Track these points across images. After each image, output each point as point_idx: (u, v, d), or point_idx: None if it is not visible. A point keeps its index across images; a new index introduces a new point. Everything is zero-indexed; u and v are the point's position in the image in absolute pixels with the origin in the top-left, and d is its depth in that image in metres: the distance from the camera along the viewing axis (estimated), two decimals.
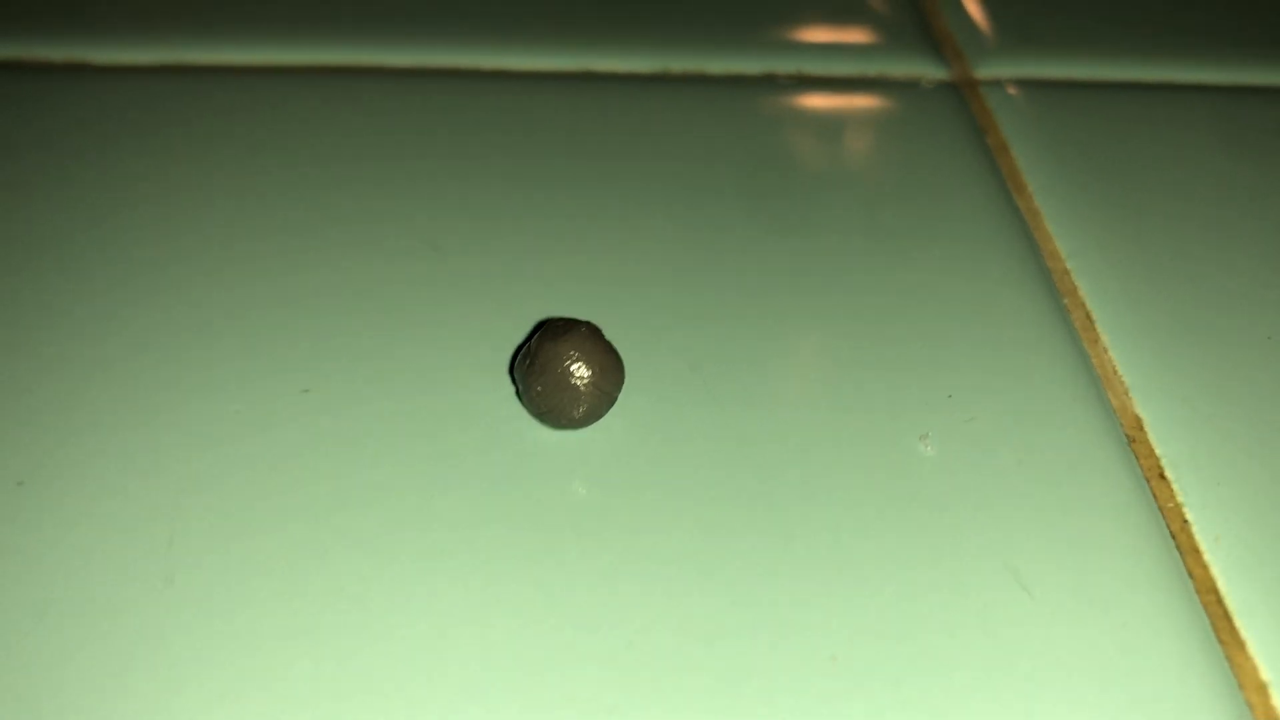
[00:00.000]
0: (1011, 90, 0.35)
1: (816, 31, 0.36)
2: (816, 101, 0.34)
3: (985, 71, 0.35)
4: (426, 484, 0.23)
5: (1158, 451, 0.25)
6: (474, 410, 0.24)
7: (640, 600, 0.22)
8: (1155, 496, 0.24)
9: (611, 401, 0.24)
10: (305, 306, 0.26)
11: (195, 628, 0.21)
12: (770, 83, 0.34)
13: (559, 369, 0.23)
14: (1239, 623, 0.22)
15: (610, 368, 0.23)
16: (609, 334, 0.25)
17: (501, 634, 0.21)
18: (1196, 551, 0.23)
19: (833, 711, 0.20)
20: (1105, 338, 0.27)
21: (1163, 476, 0.24)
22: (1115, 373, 0.26)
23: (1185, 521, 0.24)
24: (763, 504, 0.23)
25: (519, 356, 0.24)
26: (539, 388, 0.23)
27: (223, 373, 0.25)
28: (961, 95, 0.34)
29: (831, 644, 0.21)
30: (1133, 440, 0.25)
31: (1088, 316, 0.28)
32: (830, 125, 0.34)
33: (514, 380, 0.24)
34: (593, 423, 0.24)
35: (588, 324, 0.24)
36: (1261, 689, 0.21)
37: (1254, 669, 0.21)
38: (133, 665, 0.20)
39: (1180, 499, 0.24)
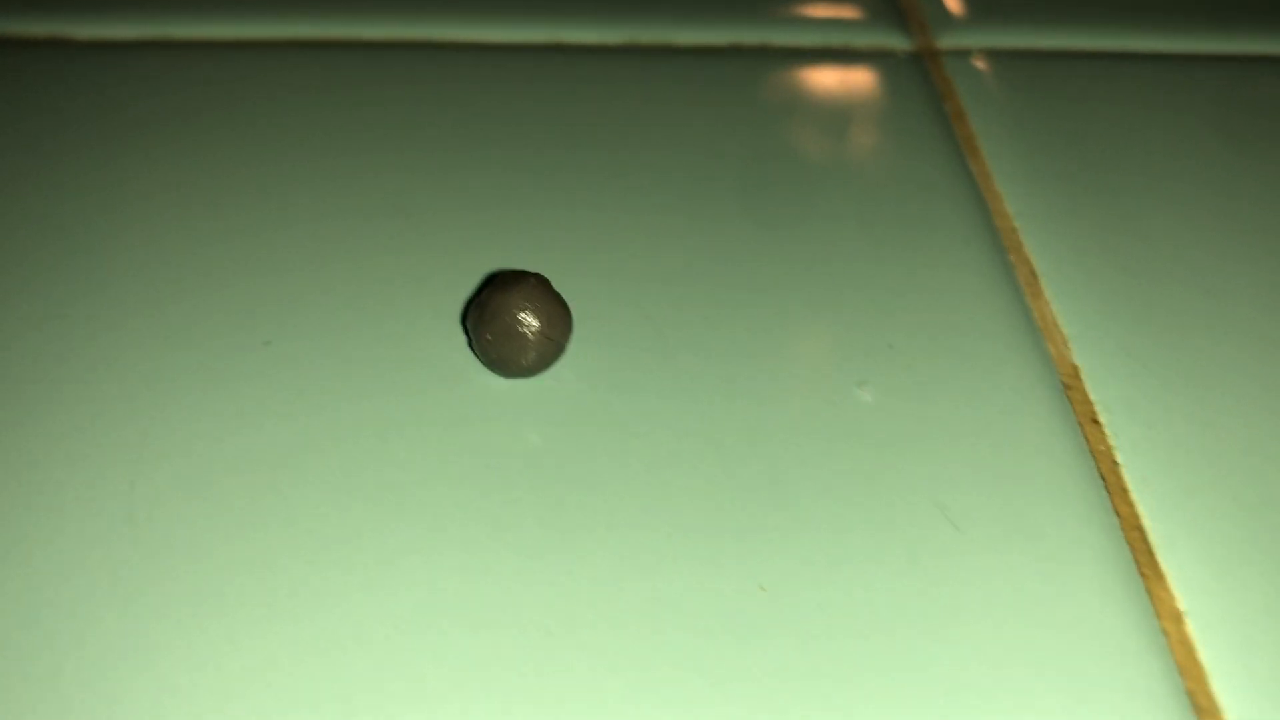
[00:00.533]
0: (973, 59, 0.35)
1: (783, 3, 0.37)
2: (781, 72, 0.35)
3: (948, 42, 0.36)
4: (382, 431, 0.24)
5: (1093, 398, 0.26)
6: (429, 360, 0.25)
7: (590, 536, 0.23)
8: (1088, 440, 0.25)
9: (560, 349, 0.25)
10: (268, 263, 0.27)
11: (154, 561, 0.22)
12: (736, 53, 0.35)
13: (508, 318, 0.24)
14: (1161, 557, 0.23)
15: (558, 317, 0.24)
16: (561, 287, 0.26)
17: (457, 574, 0.22)
18: (1124, 491, 0.24)
19: (760, 637, 0.21)
20: (1048, 291, 0.28)
21: (1095, 421, 0.25)
22: (1055, 324, 0.27)
23: (1115, 464, 0.24)
24: (705, 446, 0.24)
25: (470, 307, 0.25)
26: (489, 336, 0.24)
27: (188, 325, 0.26)
28: (924, 65, 0.35)
29: (762, 575, 0.22)
30: (1069, 387, 0.26)
31: (1032, 272, 0.28)
32: (792, 94, 0.34)
33: (466, 330, 0.25)
34: (543, 370, 0.25)
35: (536, 275, 0.25)
36: (1177, 617, 0.22)
37: (1171, 599, 0.22)
38: (93, 598, 0.21)
39: (1112, 442, 0.25)
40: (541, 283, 0.24)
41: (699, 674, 0.21)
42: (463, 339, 0.26)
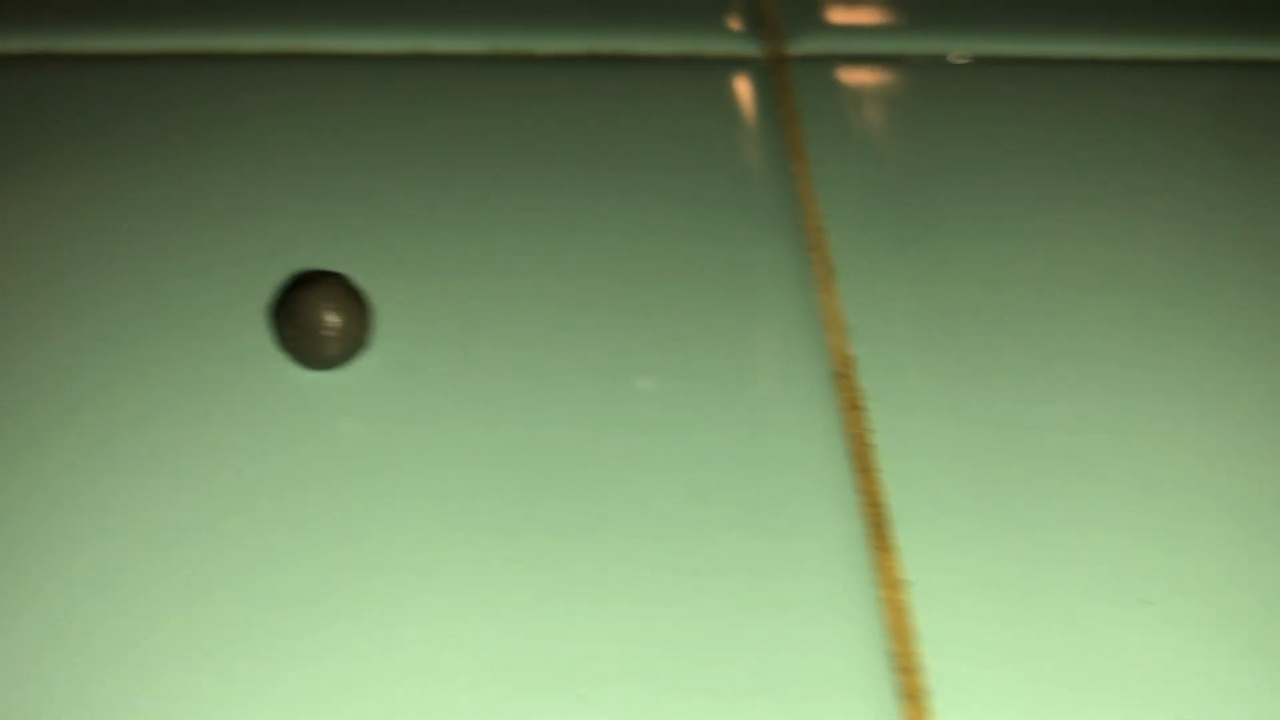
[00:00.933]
0: (817, 65, 0.37)
1: (642, 13, 0.39)
2: (629, 78, 0.37)
3: (799, 48, 0.38)
4: (193, 425, 0.26)
5: (861, 386, 0.28)
6: (238, 356, 0.27)
7: (392, 515, 0.25)
8: (847, 423, 0.27)
9: (360, 343, 0.27)
10: (99, 262, 0.29)
11: None
12: (592, 61, 0.37)
13: (308, 315, 0.26)
14: (894, 530, 0.25)
15: (356, 313, 0.27)
16: (368, 284, 0.28)
17: (267, 556, 0.24)
18: (871, 470, 0.26)
19: (518, 593, 0.23)
20: (840, 286, 0.30)
21: (858, 407, 0.27)
22: (840, 318, 0.29)
23: (869, 445, 0.26)
24: (496, 427, 0.26)
25: (275, 306, 0.27)
26: (291, 333, 0.26)
27: (25, 320, 0.28)
28: (770, 71, 0.37)
29: (523, 546, 0.24)
30: (841, 375, 0.28)
31: (829, 268, 0.31)
32: (634, 100, 0.36)
33: (272, 328, 0.28)
34: (346, 363, 0.27)
35: (336, 274, 0.27)
36: (896, 585, 0.24)
37: (895, 568, 0.24)
38: None
39: (869, 426, 0.27)
40: (340, 281, 0.27)
41: (463, 637, 0.23)
42: (270, 336, 0.28)
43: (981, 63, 0.37)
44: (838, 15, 0.39)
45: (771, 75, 0.37)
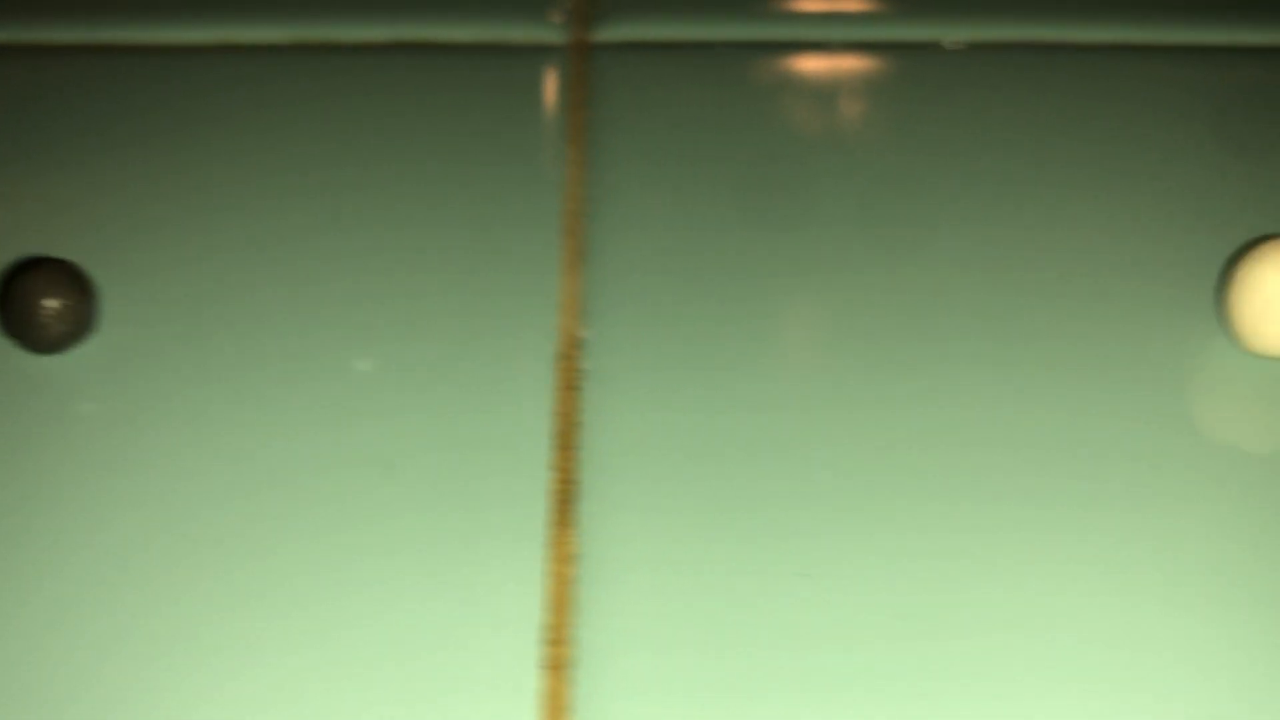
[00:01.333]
0: (618, 52, 0.38)
1: (448, 1, 0.40)
2: (435, 66, 0.38)
3: (600, 35, 0.38)
4: None
5: (583, 368, 0.28)
6: None
7: (150, 475, 0.26)
8: (560, 403, 0.27)
9: (84, 326, 0.28)
10: None
11: None
12: (397, 49, 0.38)
13: (28, 300, 0.27)
14: (579, 507, 0.25)
15: (78, 296, 0.27)
16: (98, 269, 0.29)
17: (25, 536, 0.25)
18: (571, 449, 0.27)
19: (207, 574, 0.24)
20: (587, 270, 0.31)
21: (574, 387, 0.28)
22: (577, 301, 0.30)
23: (575, 425, 0.27)
24: (219, 412, 0.27)
25: None
26: (10, 317, 0.27)
27: None
28: (568, 57, 0.38)
29: (277, 503, 0.25)
30: (565, 357, 0.28)
31: (578, 253, 0.31)
32: (439, 88, 0.37)
33: None
34: (73, 345, 0.28)
35: (57, 260, 0.27)
36: (567, 559, 0.25)
37: (570, 543, 0.25)
38: None
39: (582, 405, 0.27)
40: (62, 266, 0.27)
41: (156, 614, 0.24)
42: None
43: (765, 48, 0.38)
44: (645, 2, 0.40)
45: (570, 62, 0.38)
